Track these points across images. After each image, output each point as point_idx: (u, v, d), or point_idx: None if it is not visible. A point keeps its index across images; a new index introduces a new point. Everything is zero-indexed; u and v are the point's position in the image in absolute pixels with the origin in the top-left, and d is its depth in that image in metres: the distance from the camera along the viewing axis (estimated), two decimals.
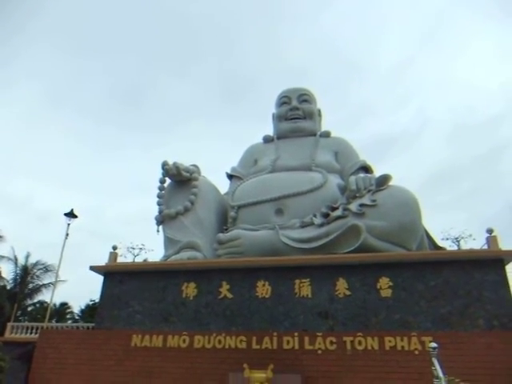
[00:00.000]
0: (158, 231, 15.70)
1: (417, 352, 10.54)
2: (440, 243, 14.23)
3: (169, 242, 15.26)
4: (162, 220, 15.53)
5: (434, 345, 7.53)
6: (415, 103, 75.00)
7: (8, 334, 19.88)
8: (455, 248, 13.70)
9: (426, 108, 73.70)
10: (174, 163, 15.71)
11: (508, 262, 12.26)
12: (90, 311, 40.00)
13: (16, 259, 35.25)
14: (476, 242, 13.59)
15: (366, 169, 17.21)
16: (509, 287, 11.78)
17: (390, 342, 10.84)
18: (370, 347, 10.90)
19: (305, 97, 19.70)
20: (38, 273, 35.50)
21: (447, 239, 14.12)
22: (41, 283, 35.40)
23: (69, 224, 21.82)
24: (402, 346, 10.72)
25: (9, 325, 20.58)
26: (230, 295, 13.34)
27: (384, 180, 13.84)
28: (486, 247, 12.91)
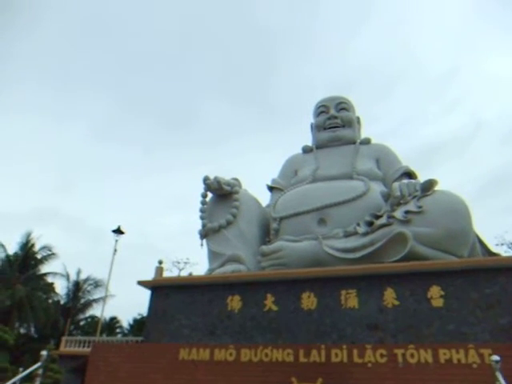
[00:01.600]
0: (201, 245, 15.85)
1: (475, 365, 9.86)
2: (494, 249, 13.48)
3: (213, 255, 15.35)
4: (205, 234, 15.66)
5: (496, 358, 7.05)
6: (466, 108, 72.93)
7: (63, 348, 20.58)
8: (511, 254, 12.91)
9: (478, 112, 71.40)
10: (215, 177, 15.87)
11: None
12: (138, 325, 40.83)
13: (68, 275, 36.71)
14: None
15: (410, 174, 16.67)
16: None
17: (444, 354, 10.23)
18: (423, 360, 10.32)
19: (343, 105, 19.45)
20: (88, 288, 36.82)
21: (502, 244, 13.39)
22: (91, 298, 36.68)
23: (116, 240, 22.49)
24: (459, 359, 10.07)
25: (63, 339, 21.32)
26: (275, 308, 13.16)
27: (429, 185, 13.29)
28: None
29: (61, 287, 37.14)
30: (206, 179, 15.96)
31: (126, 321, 45.62)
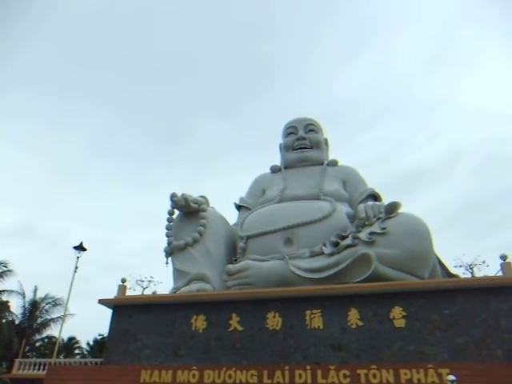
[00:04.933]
0: (166, 263, 15.62)
1: None
2: (453, 271, 13.96)
3: (178, 273, 15.15)
4: (170, 252, 15.48)
5: (452, 377, 7.28)
6: (448, 136, 76.30)
7: (16, 371, 19.53)
8: (469, 275, 13.43)
9: (458, 141, 74.88)
10: (183, 195, 15.81)
11: None
12: (98, 345, 39.44)
13: (24, 294, 35.16)
14: (490, 269, 13.34)
15: (375, 197, 17.14)
16: None
17: (405, 374, 10.48)
18: (385, 380, 10.53)
19: (311, 127, 19.91)
20: (46, 307, 35.29)
21: (460, 266, 13.88)
22: (49, 317, 35.13)
23: (78, 257, 21.83)
24: (419, 379, 10.34)
25: (17, 361, 20.27)
26: (240, 327, 13.09)
27: (393, 207, 13.71)
28: (500, 274, 12.63)
29: (16, 306, 35.50)
30: (173, 196, 15.86)
31: (85, 341, 43.98)
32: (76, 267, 21.52)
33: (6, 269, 32.91)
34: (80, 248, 21.99)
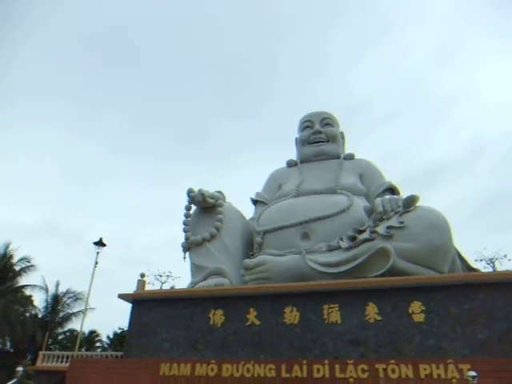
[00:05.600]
0: (184, 258, 15.77)
1: (454, 381, 10.00)
2: (473, 265, 13.73)
3: (195, 268, 15.28)
4: (188, 247, 15.61)
5: (473, 373, 7.17)
6: (469, 130, 74.94)
7: (40, 363, 20.06)
8: (490, 269, 13.19)
9: (480, 135, 73.48)
10: (200, 190, 15.88)
11: None
12: (118, 339, 40.12)
13: (47, 288, 35.94)
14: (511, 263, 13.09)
15: (393, 190, 16.94)
16: None
17: (425, 369, 10.34)
18: (404, 375, 10.41)
19: (327, 120, 19.76)
20: (68, 301, 36.05)
21: (481, 260, 13.64)
22: (71, 311, 35.89)
23: (98, 253, 22.19)
24: (439, 374, 10.20)
25: (40, 353, 20.81)
26: (257, 322, 13.13)
27: (411, 201, 13.53)
28: None
29: (39, 300, 36.35)
30: (190, 191, 15.96)
31: (106, 335, 44.77)
32: (96, 262, 21.90)
33: (29, 264, 33.70)
34: (100, 244, 22.34)
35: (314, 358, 11.72)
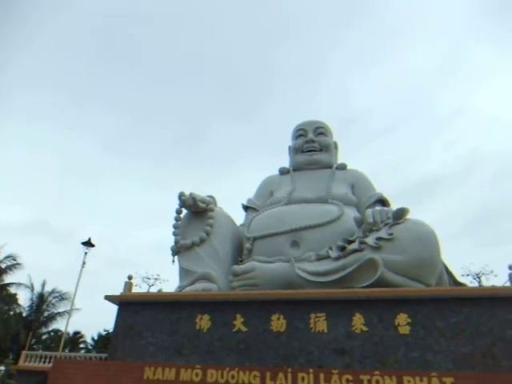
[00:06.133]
0: (173, 261, 15.73)
1: None
2: (460, 279, 13.89)
3: (184, 272, 15.24)
4: (177, 250, 15.57)
5: None
6: (463, 146, 75.95)
7: (22, 363, 19.82)
8: (476, 284, 13.35)
9: (474, 151, 74.47)
10: (191, 194, 15.89)
11: None
12: (102, 341, 39.75)
13: (32, 287, 35.56)
14: (498, 279, 13.27)
15: (383, 202, 17.09)
16: None
17: (408, 382, 10.38)
18: None
19: (321, 129, 19.92)
20: (53, 301, 35.68)
21: (468, 275, 13.81)
22: (56, 311, 35.52)
23: (86, 253, 22.04)
24: None
25: (23, 353, 20.56)
26: (244, 328, 13.12)
27: (401, 213, 13.66)
28: (508, 284, 12.53)
29: (24, 299, 35.89)
30: (181, 195, 15.96)
31: (90, 336, 44.29)
32: (84, 263, 21.75)
33: (14, 262, 33.32)
34: (88, 244, 22.20)
35: (299, 367, 11.73)
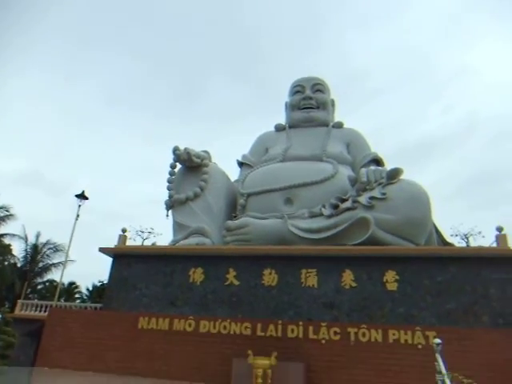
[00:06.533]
0: (167, 216, 15.84)
1: (420, 346, 10.56)
2: (449, 239, 14.17)
3: (178, 227, 15.40)
4: (171, 205, 15.64)
5: (438, 341, 7.53)
6: (463, 108, 74.71)
7: (18, 311, 20.28)
8: (464, 245, 13.65)
9: (473, 114, 73.52)
10: (185, 149, 15.77)
11: None
12: (98, 291, 40.61)
13: (26, 238, 35.78)
14: (485, 240, 13.54)
15: (378, 161, 17.10)
16: None
17: (393, 335, 10.86)
18: (373, 339, 10.94)
19: (318, 86, 19.56)
20: (48, 252, 36.03)
21: (456, 235, 14.05)
22: (50, 262, 35.93)
23: (80, 205, 22.05)
24: (406, 340, 10.74)
25: (19, 302, 21.00)
26: (236, 282, 13.46)
27: (395, 173, 13.73)
28: (495, 245, 12.83)
29: (18, 250, 36.21)
30: (175, 149, 15.83)
31: (85, 287, 45.23)
32: (77, 215, 21.77)
33: (8, 213, 33.33)
34: (82, 196, 22.14)
35: (289, 319, 12.15)
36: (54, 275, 36.47)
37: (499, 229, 12.78)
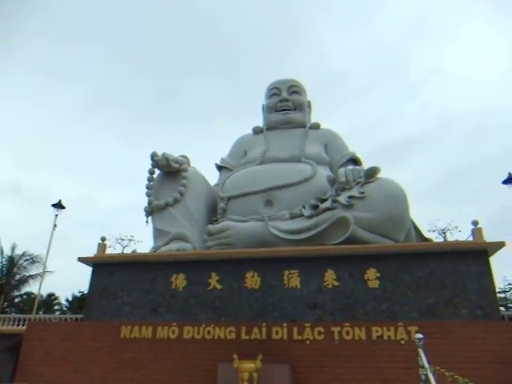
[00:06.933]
0: (147, 222, 15.68)
1: (403, 342, 10.76)
2: (427, 235, 14.46)
3: (158, 233, 15.26)
4: (151, 211, 15.50)
5: (419, 336, 7.69)
6: (439, 106, 76.32)
7: None
8: (441, 240, 13.93)
9: (449, 111, 75.20)
10: (163, 154, 15.68)
11: (492, 254, 12.49)
12: (78, 302, 39.88)
13: (2, 250, 34.89)
14: (462, 234, 13.87)
15: (356, 161, 17.32)
16: (492, 278, 12.04)
17: (377, 331, 11.03)
18: (357, 337, 11.09)
19: (295, 88, 19.71)
20: (24, 264, 35.18)
21: (434, 231, 14.35)
22: (28, 274, 35.11)
23: (56, 215, 21.62)
24: (389, 336, 10.92)
25: None
26: (219, 286, 13.42)
27: (373, 172, 13.95)
28: (471, 239, 13.16)
29: None
30: (153, 155, 15.71)
31: (64, 298, 44.35)
32: (55, 225, 21.36)
33: None
34: (58, 206, 21.73)
35: (274, 321, 12.18)
36: (32, 287, 35.65)
37: (474, 223, 13.10)
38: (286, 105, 19.36)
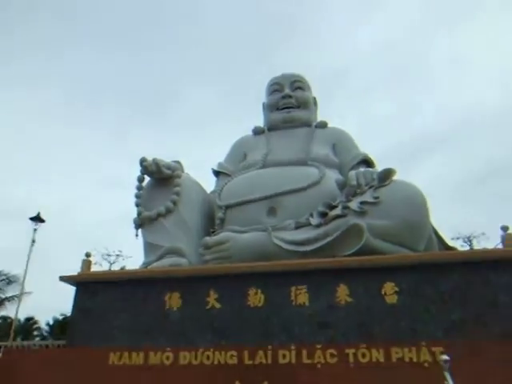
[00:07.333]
0: (136, 235, 15.59)
1: (426, 364, 10.53)
2: (450, 243, 14.33)
3: (149, 247, 15.16)
4: (141, 223, 15.41)
5: (445, 357, 7.56)
6: (460, 102, 77.25)
7: None
8: (467, 248, 13.81)
9: (468, 108, 76.07)
10: (154, 159, 15.62)
11: None
12: (60, 326, 39.70)
13: None
14: (489, 241, 13.75)
15: (368, 162, 17.26)
16: None
17: (396, 353, 10.80)
18: (374, 359, 10.84)
19: (298, 84, 19.69)
20: (0, 284, 35.13)
21: (458, 238, 14.23)
22: (3, 296, 35.02)
23: (35, 229, 21.56)
24: (411, 358, 10.69)
25: None
26: (218, 305, 13.28)
27: (387, 174, 13.85)
28: (500, 246, 13.02)
29: None
30: (142, 161, 15.65)
31: (45, 321, 44.15)
32: (33, 240, 21.31)
33: None
34: (37, 219, 21.68)
35: (280, 344, 12.01)
36: (9, 311, 35.55)
37: (504, 228, 12.97)
38: (288, 102, 19.32)
